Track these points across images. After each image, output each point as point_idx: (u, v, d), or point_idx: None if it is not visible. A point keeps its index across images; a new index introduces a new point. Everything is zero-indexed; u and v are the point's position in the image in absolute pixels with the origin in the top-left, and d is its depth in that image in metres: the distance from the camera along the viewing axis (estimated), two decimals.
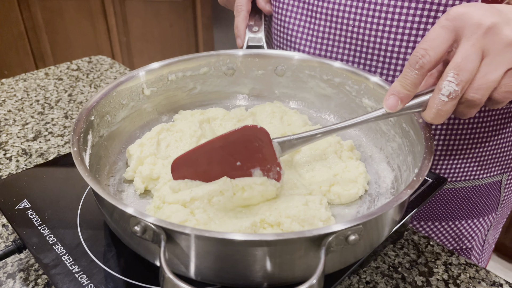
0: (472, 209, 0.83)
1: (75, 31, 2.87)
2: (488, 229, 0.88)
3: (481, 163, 0.79)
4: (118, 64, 1.25)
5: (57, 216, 0.59)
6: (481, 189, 0.82)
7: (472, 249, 0.88)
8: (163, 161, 0.63)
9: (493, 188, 0.83)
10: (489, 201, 0.84)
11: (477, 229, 0.86)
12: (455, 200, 0.81)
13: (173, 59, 0.75)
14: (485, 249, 0.91)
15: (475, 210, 0.83)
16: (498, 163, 0.81)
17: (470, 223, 0.84)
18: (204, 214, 0.54)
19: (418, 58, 0.49)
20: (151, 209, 0.58)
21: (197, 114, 0.75)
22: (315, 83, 0.77)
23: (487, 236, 0.89)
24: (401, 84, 0.51)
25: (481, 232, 0.87)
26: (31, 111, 1.02)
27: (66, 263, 0.52)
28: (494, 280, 0.63)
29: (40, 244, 0.55)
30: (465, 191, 0.81)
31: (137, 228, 0.43)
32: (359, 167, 0.63)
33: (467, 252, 0.87)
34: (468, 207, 0.82)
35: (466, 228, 0.84)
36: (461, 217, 0.83)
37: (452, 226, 0.83)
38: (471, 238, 0.86)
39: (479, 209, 0.83)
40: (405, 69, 0.50)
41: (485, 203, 0.84)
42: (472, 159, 0.78)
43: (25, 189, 0.64)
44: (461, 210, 0.82)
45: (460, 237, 0.85)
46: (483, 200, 0.83)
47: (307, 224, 0.52)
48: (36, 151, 0.89)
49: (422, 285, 0.63)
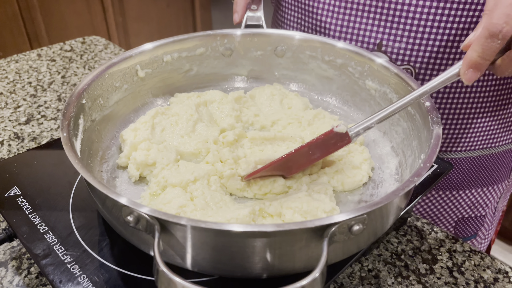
0: (487, 176, 0.83)
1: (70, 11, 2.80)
2: (500, 196, 0.89)
3: (495, 131, 0.79)
4: (112, 45, 1.21)
5: (48, 204, 0.57)
6: (496, 157, 0.82)
7: (486, 216, 0.88)
8: (158, 145, 0.61)
9: (507, 155, 0.83)
10: (503, 168, 0.85)
11: (491, 196, 0.86)
12: (471, 169, 0.81)
13: (168, 39, 0.72)
14: (495, 216, 0.92)
15: (490, 178, 0.83)
16: (509, 132, 0.81)
17: (486, 190, 0.84)
18: (201, 198, 0.52)
19: (501, 27, 0.44)
20: (146, 196, 0.55)
21: (194, 97, 0.72)
22: (316, 64, 0.74)
23: (498, 203, 0.89)
24: (480, 56, 0.46)
25: (494, 199, 0.87)
26: (23, 94, 0.99)
27: (57, 252, 0.50)
28: (500, 268, 0.62)
29: (30, 232, 0.53)
30: (481, 160, 0.81)
31: (130, 218, 0.41)
32: (363, 153, 0.60)
33: (481, 219, 0.87)
34: (484, 175, 0.83)
35: (482, 196, 0.85)
36: (477, 185, 0.83)
37: (469, 195, 0.84)
38: (485, 206, 0.86)
39: (494, 176, 0.84)
40: (484, 39, 0.45)
41: (500, 171, 0.84)
42: (487, 128, 0.78)
43: (16, 175, 0.61)
44: (477, 178, 0.83)
45: (476, 205, 0.85)
46: (497, 167, 0.83)
47: (310, 215, 0.49)
48: (29, 135, 0.86)
49: (426, 273, 0.61)
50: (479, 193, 0.84)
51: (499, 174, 0.84)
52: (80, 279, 0.47)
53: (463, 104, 0.74)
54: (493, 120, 0.77)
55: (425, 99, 0.57)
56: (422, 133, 0.55)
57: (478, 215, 0.86)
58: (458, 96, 0.73)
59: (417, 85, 0.60)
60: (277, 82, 0.78)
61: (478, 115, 0.76)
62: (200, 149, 0.62)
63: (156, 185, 0.56)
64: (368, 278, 0.60)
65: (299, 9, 0.80)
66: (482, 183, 0.83)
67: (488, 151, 0.80)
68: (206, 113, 0.69)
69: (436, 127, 0.52)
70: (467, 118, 0.76)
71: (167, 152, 0.60)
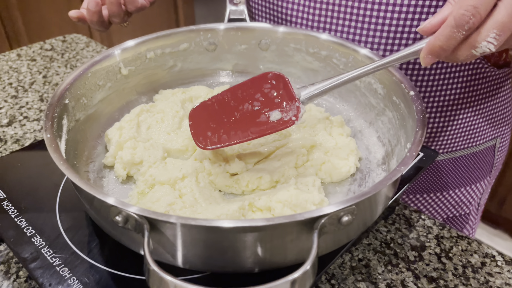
0: (470, 175, 0.84)
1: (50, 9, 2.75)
2: (482, 192, 0.90)
3: (478, 127, 0.80)
4: (94, 43, 1.20)
5: (34, 206, 0.56)
6: (477, 155, 0.83)
7: (470, 214, 0.90)
8: (144, 144, 0.60)
9: (488, 152, 0.84)
10: (485, 165, 0.85)
11: (474, 194, 0.87)
12: (454, 169, 0.82)
13: (151, 35, 0.71)
14: (479, 211, 0.93)
15: (472, 176, 0.84)
16: (491, 128, 0.82)
17: (468, 189, 0.86)
18: (190, 195, 0.52)
19: (468, 18, 0.43)
20: (134, 195, 0.55)
21: (179, 93, 0.71)
22: (301, 57, 0.74)
23: (480, 199, 0.90)
24: (442, 46, 0.46)
25: (477, 196, 0.89)
26: (4, 95, 0.98)
27: (46, 255, 0.50)
28: (487, 252, 0.63)
29: (17, 236, 0.52)
30: (463, 160, 0.82)
31: (119, 218, 0.41)
32: (350, 144, 0.60)
33: (466, 217, 0.89)
34: (467, 174, 0.84)
35: (465, 195, 0.86)
36: (461, 185, 0.84)
37: (453, 195, 0.85)
38: (469, 204, 0.88)
39: (476, 175, 0.85)
40: (450, 29, 0.45)
41: (481, 168, 0.85)
42: (469, 123, 0.78)
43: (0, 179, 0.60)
44: (461, 178, 0.83)
45: (460, 204, 0.86)
46: (479, 165, 0.84)
47: (300, 208, 0.50)
48: (11, 137, 0.85)
49: (415, 260, 0.62)
50: (463, 193, 0.85)
51: (481, 172, 0.85)
52: (70, 281, 0.47)
53: (445, 101, 0.75)
54: (476, 115, 0.78)
55: (409, 87, 0.57)
56: (408, 122, 0.56)
57: (462, 214, 0.87)
58: (440, 89, 0.73)
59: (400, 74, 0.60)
60: None
61: (460, 110, 0.76)
62: (187, 146, 0.61)
63: (143, 183, 0.55)
64: (358, 267, 0.60)
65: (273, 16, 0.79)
66: (466, 182, 0.84)
67: (470, 150, 0.81)
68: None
69: (420, 116, 0.52)
70: (449, 116, 0.76)
71: (153, 150, 0.59)
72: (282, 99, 0.54)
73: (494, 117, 0.81)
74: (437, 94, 0.74)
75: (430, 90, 0.73)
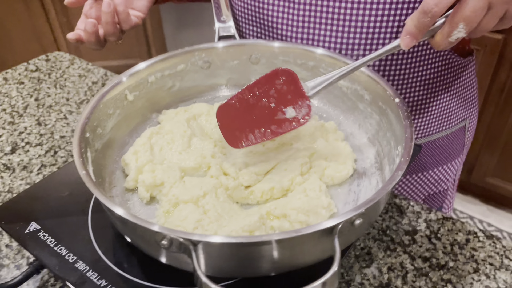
0: (445, 155, 0.94)
1: (9, 16, 2.69)
2: (457, 168, 1.01)
3: (447, 115, 0.90)
4: (78, 59, 1.22)
5: (69, 234, 0.61)
6: (451, 137, 0.93)
7: (448, 189, 1.00)
8: (162, 166, 0.66)
9: (460, 133, 0.95)
10: (458, 145, 0.96)
11: (450, 172, 0.98)
12: (432, 151, 0.92)
13: (151, 60, 0.76)
14: (455, 186, 1.05)
15: (447, 156, 0.95)
16: (461, 110, 0.92)
17: (446, 167, 0.96)
18: (214, 211, 0.59)
19: (431, 8, 0.53)
20: (161, 215, 0.61)
21: (181, 112, 0.77)
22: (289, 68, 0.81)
23: (456, 175, 1.01)
24: (415, 25, 0.56)
25: (453, 173, 0.99)
26: (0, 122, 1.00)
27: (92, 279, 0.55)
28: (469, 230, 0.72)
29: (61, 264, 0.57)
30: (438, 142, 0.91)
31: (165, 242, 0.47)
32: (346, 148, 0.68)
33: (444, 193, 0.99)
34: (443, 154, 0.94)
35: (442, 173, 0.96)
36: (438, 164, 0.94)
37: (432, 174, 0.94)
38: (446, 181, 0.98)
39: (450, 154, 0.95)
40: (419, 14, 0.55)
41: (455, 148, 0.96)
42: (439, 113, 0.88)
43: (29, 211, 0.65)
44: (437, 158, 0.93)
45: (439, 182, 0.97)
46: (453, 145, 0.95)
47: (312, 213, 0.57)
48: (18, 164, 0.88)
49: (409, 243, 0.70)
50: (440, 171, 0.94)
51: (455, 151, 0.95)
52: None
53: (419, 91, 0.83)
54: (447, 100, 0.87)
55: (395, 95, 0.65)
56: (396, 126, 0.64)
57: (441, 190, 0.98)
58: (412, 81, 0.81)
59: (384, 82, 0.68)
60: None
61: (433, 98, 0.85)
62: (200, 164, 0.67)
63: (168, 203, 0.61)
64: (362, 255, 0.69)
65: (258, 23, 0.85)
66: (442, 161, 0.94)
67: (444, 132, 0.90)
68: (197, 127, 0.74)
69: (407, 121, 0.60)
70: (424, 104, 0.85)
71: (171, 171, 0.65)
72: (293, 96, 0.63)
73: (463, 100, 0.91)
74: (411, 85, 0.82)
75: (404, 83, 0.81)
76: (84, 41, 0.74)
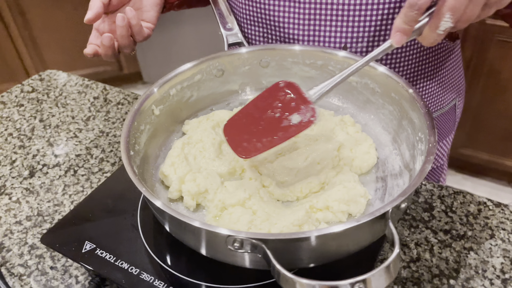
0: (440, 132, 1.02)
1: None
2: (450, 144, 1.09)
3: (440, 95, 0.98)
4: (74, 76, 1.22)
5: (125, 248, 0.64)
6: (444, 115, 1.01)
7: (444, 164, 1.09)
8: (200, 174, 0.70)
9: (451, 112, 1.03)
10: (450, 122, 1.05)
11: (445, 147, 1.07)
12: None
13: (171, 74, 0.79)
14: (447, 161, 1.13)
15: (442, 133, 1.03)
16: (452, 90, 1.00)
17: (441, 144, 1.04)
18: (262, 210, 0.63)
19: (417, 1, 0.58)
20: (211, 220, 0.65)
21: (204, 120, 0.81)
22: (299, 68, 0.86)
23: (449, 151, 1.09)
24: (404, 21, 0.60)
25: (447, 148, 1.08)
26: (11, 147, 1.00)
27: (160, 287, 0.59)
28: (479, 201, 0.80)
29: (126, 277, 0.60)
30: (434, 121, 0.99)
31: (237, 244, 0.51)
32: (367, 139, 0.74)
33: (440, 168, 1.08)
34: (438, 132, 1.01)
35: (439, 149, 1.04)
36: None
37: None
38: (442, 156, 1.07)
39: (444, 131, 1.04)
40: (405, 9, 0.59)
41: (448, 125, 1.04)
42: (433, 94, 0.96)
43: (80, 231, 0.67)
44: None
45: (436, 158, 1.05)
46: (446, 123, 1.03)
47: (352, 202, 0.63)
48: (41, 187, 0.89)
49: (429, 219, 0.78)
50: (438, 148, 1.03)
51: (447, 128, 1.04)
52: None
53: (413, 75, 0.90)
54: (440, 79, 0.95)
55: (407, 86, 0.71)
56: (412, 114, 0.70)
57: (438, 166, 1.06)
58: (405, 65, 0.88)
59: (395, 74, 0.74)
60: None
61: (426, 82, 0.92)
62: (235, 167, 0.72)
63: (215, 208, 0.65)
64: None
65: (263, 24, 0.89)
66: (438, 139, 1.01)
67: (439, 112, 0.98)
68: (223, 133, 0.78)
69: (425, 109, 0.66)
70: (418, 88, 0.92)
71: (212, 177, 0.69)
72: (297, 103, 0.67)
73: (453, 80, 0.99)
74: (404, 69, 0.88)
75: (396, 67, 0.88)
76: (100, 55, 0.77)
